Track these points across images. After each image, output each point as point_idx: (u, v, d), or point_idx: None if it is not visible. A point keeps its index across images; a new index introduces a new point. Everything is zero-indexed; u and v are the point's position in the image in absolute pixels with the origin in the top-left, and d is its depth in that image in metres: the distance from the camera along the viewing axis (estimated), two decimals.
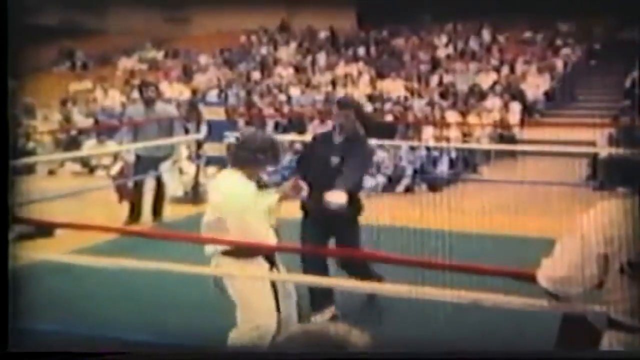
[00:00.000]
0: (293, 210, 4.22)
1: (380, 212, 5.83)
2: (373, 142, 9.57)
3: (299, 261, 4.08)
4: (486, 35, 15.39)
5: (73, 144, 11.43)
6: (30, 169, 10.41)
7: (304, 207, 4.30)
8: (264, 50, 16.74)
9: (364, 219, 4.57)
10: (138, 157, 7.34)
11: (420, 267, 3.26)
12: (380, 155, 9.54)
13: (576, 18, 14.47)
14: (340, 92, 13.34)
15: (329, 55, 15.77)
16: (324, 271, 4.12)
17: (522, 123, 11.71)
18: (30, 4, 17.30)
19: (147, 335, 3.95)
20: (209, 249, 3.39)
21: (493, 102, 12.13)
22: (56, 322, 4.12)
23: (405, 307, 3.84)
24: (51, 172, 10.77)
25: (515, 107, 12.13)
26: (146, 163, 7.28)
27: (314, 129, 11.34)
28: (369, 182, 9.09)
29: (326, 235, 4.34)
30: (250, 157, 3.35)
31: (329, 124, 11.23)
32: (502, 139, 10.97)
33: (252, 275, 3.38)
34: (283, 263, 3.53)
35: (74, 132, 11.87)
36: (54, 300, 4.64)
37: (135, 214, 7.22)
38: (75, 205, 7.45)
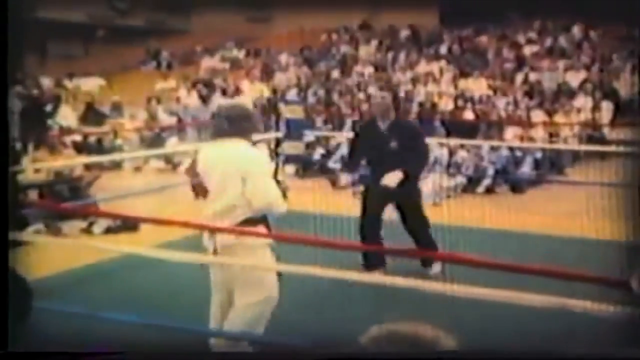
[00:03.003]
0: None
1: (459, 212, 5.68)
2: (455, 141, 9.41)
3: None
4: (577, 31, 14.77)
5: (157, 141, 11.77)
6: (117, 165, 10.81)
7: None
8: (344, 49, 16.72)
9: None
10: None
11: (499, 270, 3.13)
12: (460, 155, 9.32)
13: None
14: (420, 91, 13.15)
15: (410, 53, 15.57)
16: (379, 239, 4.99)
17: (613, 123, 11.17)
18: (121, 5, 17.99)
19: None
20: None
21: (583, 101, 11.64)
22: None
23: (483, 310, 3.71)
24: (137, 169, 11.13)
25: (607, 106, 11.59)
26: None
27: None
28: (449, 182, 8.91)
29: (384, 204, 5.13)
30: (243, 126, 3.43)
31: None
32: (591, 139, 10.50)
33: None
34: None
35: (157, 130, 12.23)
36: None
37: None
38: (157, 201, 7.66)
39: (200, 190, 8.60)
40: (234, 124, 3.39)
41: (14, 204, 3.27)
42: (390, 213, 5.29)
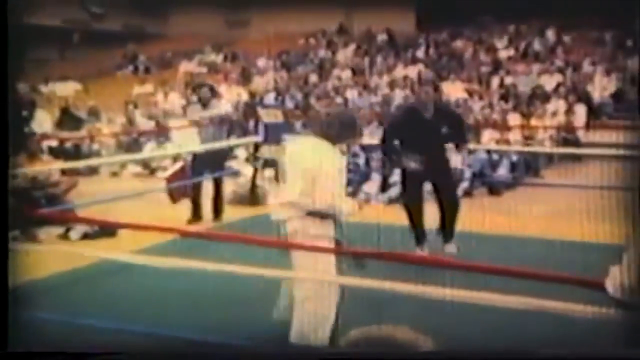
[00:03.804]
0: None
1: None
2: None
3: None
4: (551, 35, 14.97)
5: (135, 146, 11.70)
6: (94, 171, 10.72)
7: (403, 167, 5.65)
8: (322, 53, 16.76)
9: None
10: (194, 158, 7.47)
11: (479, 272, 3.17)
12: None
13: None
14: (398, 95, 13.22)
15: (388, 57, 15.66)
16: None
17: (587, 126, 11.33)
18: (96, 10, 17.82)
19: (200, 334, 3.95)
20: (279, 214, 3.71)
21: (557, 104, 11.79)
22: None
23: (464, 312, 3.75)
24: (114, 174, 11.04)
25: (581, 109, 11.76)
26: (202, 164, 7.41)
27: (371, 131, 11.26)
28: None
29: (423, 183, 5.69)
30: (338, 131, 3.71)
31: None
32: (566, 142, 10.64)
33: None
34: None
35: (135, 135, 12.15)
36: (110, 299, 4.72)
37: (197, 214, 7.35)
38: (136, 207, 7.61)
39: (176, 195, 8.57)
40: (341, 129, 3.70)
41: None
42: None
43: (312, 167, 3.58)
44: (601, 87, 12.53)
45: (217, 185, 7.46)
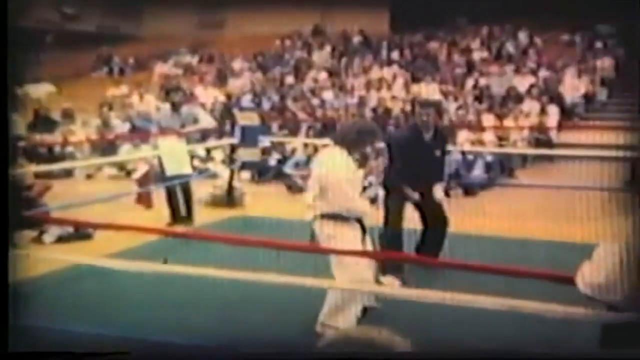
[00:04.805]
0: None
1: (413, 217, 5.78)
2: None
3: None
4: (523, 37, 15.18)
5: (110, 148, 11.60)
6: (69, 173, 10.60)
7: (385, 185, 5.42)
8: (297, 55, 16.78)
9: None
10: (161, 162, 7.42)
11: (455, 271, 3.22)
12: None
13: (616, 19, 14.16)
14: (373, 96, 13.30)
15: (363, 59, 15.73)
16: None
17: (559, 126, 11.51)
18: (69, 10, 17.62)
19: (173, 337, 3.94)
20: (309, 214, 4.00)
21: (530, 105, 11.96)
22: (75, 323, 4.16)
23: (441, 312, 3.79)
24: (89, 176, 10.94)
25: (553, 110, 11.93)
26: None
27: None
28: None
29: (404, 204, 5.48)
30: (355, 138, 3.99)
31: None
32: (539, 142, 10.80)
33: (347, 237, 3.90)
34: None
35: (110, 137, 12.05)
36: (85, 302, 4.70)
37: (175, 217, 7.33)
38: (112, 209, 7.56)
39: (144, 200, 8.50)
40: (360, 138, 3.98)
41: None
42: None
43: (324, 173, 3.91)
44: (572, 88, 12.73)
45: (184, 189, 7.42)
